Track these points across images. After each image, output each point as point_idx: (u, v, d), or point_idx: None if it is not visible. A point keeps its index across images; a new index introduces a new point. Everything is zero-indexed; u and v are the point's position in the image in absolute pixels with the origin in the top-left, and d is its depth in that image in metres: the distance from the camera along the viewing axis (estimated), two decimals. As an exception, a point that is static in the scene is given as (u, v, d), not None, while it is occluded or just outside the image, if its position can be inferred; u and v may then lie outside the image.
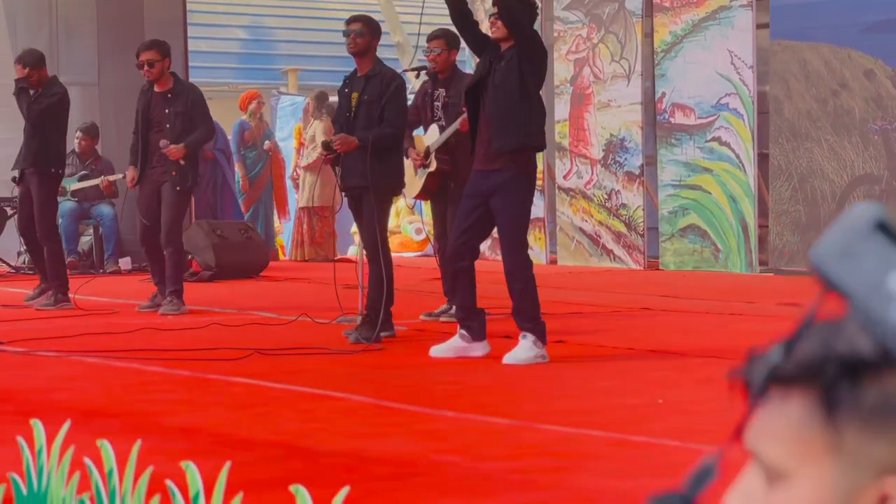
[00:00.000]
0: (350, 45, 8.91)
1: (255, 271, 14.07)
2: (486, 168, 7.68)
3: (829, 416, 1.10)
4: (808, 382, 1.12)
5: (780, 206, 13.06)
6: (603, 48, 14.60)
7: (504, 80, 7.63)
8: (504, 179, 7.61)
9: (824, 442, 1.11)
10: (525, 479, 4.70)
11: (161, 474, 3.77)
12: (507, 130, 7.60)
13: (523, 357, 7.46)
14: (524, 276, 7.62)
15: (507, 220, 7.65)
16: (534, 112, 7.77)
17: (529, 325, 7.54)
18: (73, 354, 8.08)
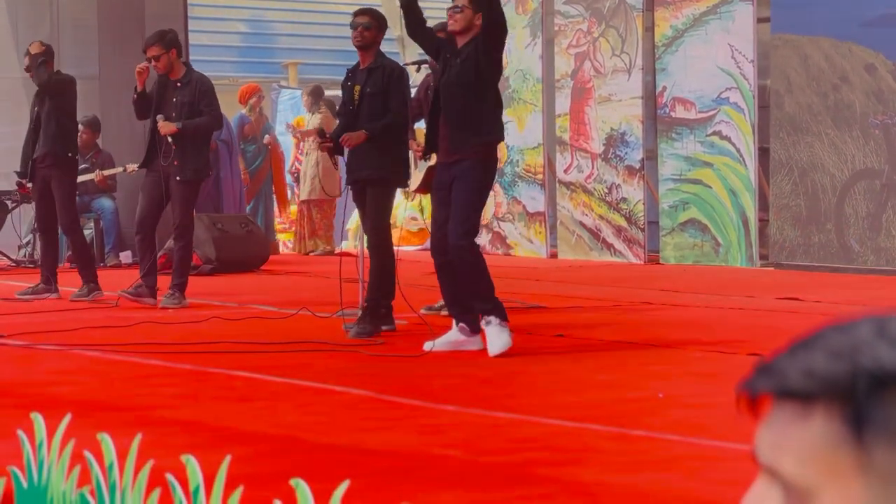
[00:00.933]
0: (357, 38, 8.93)
1: (256, 265, 14.07)
2: (447, 160, 7.78)
3: (859, 434, 1.08)
4: (830, 398, 1.09)
5: (781, 201, 13.06)
6: (604, 42, 14.59)
7: (459, 77, 7.73)
8: (463, 168, 7.72)
9: (853, 460, 1.08)
10: (525, 473, 4.70)
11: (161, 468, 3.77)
12: (461, 129, 7.73)
13: (502, 343, 7.48)
14: (471, 259, 7.64)
15: (460, 203, 7.69)
16: (488, 109, 7.85)
17: (489, 306, 7.57)
18: (74, 348, 8.08)
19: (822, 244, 12.70)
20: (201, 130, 10.54)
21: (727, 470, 4.71)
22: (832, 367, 1.09)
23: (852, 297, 10.02)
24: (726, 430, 5.39)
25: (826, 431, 1.09)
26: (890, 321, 1.09)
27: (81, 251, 11.24)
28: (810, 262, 12.72)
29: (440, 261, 7.85)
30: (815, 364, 1.10)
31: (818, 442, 1.09)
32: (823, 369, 1.09)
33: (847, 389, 1.08)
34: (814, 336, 1.10)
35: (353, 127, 8.88)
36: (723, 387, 6.55)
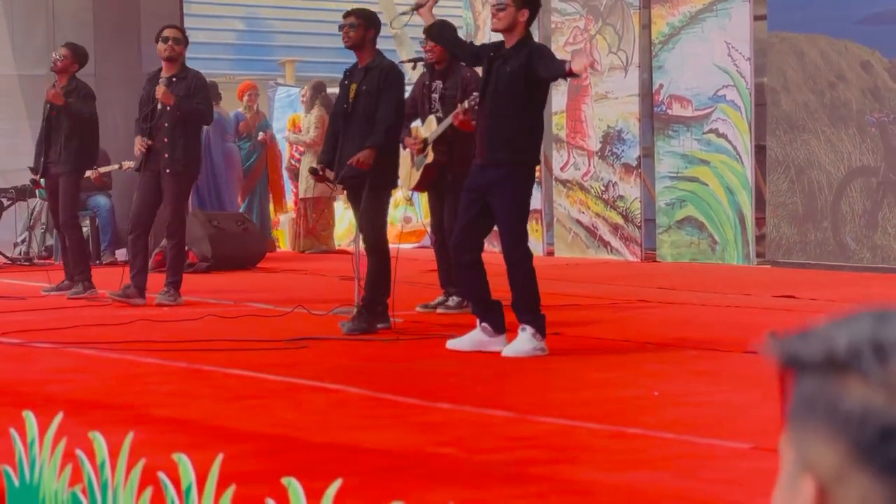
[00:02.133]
0: (344, 38, 8.96)
1: (252, 263, 14.06)
2: (484, 163, 7.68)
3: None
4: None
5: (778, 198, 13.05)
6: (600, 39, 14.58)
7: (507, 87, 7.59)
8: (501, 174, 7.60)
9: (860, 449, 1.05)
10: (520, 472, 4.68)
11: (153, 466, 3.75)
12: (500, 144, 7.61)
13: (522, 349, 7.44)
14: (524, 269, 7.60)
15: (504, 214, 7.64)
16: (532, 126, 7.71)
17: (529, 317, 7.52)
18: (68, 346, 8.07)
19: (818, 242, 12.69)
20: (194, 117, 10.50)
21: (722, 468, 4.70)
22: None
23: (849, 294, 10.01)
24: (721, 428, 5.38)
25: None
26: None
27: (79, 249, 11.25)
28: (807, 260, 12.71)
29: (462, 259, 7.78)
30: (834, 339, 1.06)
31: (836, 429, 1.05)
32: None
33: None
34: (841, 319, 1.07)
35: (346, 127, 8.87)
36: (719, 385, 6.54)
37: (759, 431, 5.13)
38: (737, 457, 4.90)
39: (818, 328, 1.07)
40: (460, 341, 7.73)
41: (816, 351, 1.06)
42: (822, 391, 1.05)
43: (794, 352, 1.07)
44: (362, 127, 8.83)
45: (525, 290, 7.55)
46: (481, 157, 7.70)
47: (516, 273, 7.58)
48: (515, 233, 7.67)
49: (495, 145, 7.61)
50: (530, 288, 7.57)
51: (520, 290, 7.57)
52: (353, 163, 8.63)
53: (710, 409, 5.84)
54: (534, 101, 7.68)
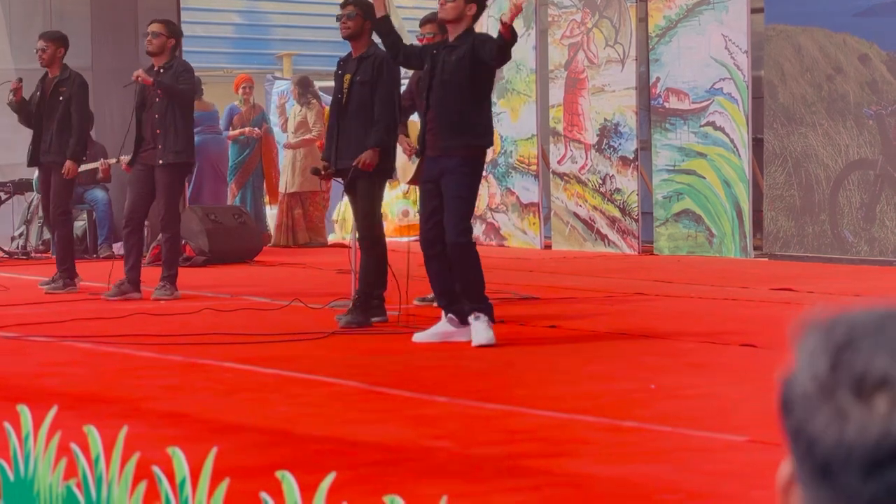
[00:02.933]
0: (342, 28, 8.96)
1: (249, 257, 14.04)
2: (435, 154, 7.74)
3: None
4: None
5: (775, 191, 13.04)
6: (597, 33, 14.56)
7: (452, 76, 7.71)
8: (452, 163, 7.72)
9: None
10: (516, 465, 4.68)
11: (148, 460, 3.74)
12: (452, 129, 7.70)
13: (485, 336, 7.51)
14: (468, 258, 7.64)
15: (451, 201, 7.70)
16: (481, 111, 7.86)
17: (480, 305, 7.59)
18: (64, 340, 8.06)
19: (815, 235, 12.68)
20: (173, 93, 10.45)
21: (718, 461, 4.69)
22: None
23: (846, 287, 10.00)
24: (718, 421, 5.37)
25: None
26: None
27: (66, 244, 11.21)
28: (804, 253, 12.70)
29: (429, 252, 7.85)
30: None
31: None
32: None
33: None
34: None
35: (341, 118, 8.87)
36: (715, 378, 6.54)
37: (755, 424, 5.13)
38: (733, 449, 4.89)
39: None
40: (426, 334, 7.79)
41: (812, 381, 1.08)
42: (800, 411, 1.07)
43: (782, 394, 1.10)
44: (357, 117, 8.83)
45: (472, 279, 7.63)
46: (431, 149, 7.80)
47: (461, 261, 7.62)
48: (459, 221, 7.70)
49: (444, 135, 7.68)
50: (477, 275, 7.64)
51: (466, 278, 7.63)
52: (359, 165, 8.64)
53: (707, 402, 5.84)
54: (479, 88, 7.73)
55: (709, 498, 4.26)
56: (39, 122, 11.20)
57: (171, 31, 10.67)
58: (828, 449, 1.02)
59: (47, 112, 11.13)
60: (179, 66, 10.65)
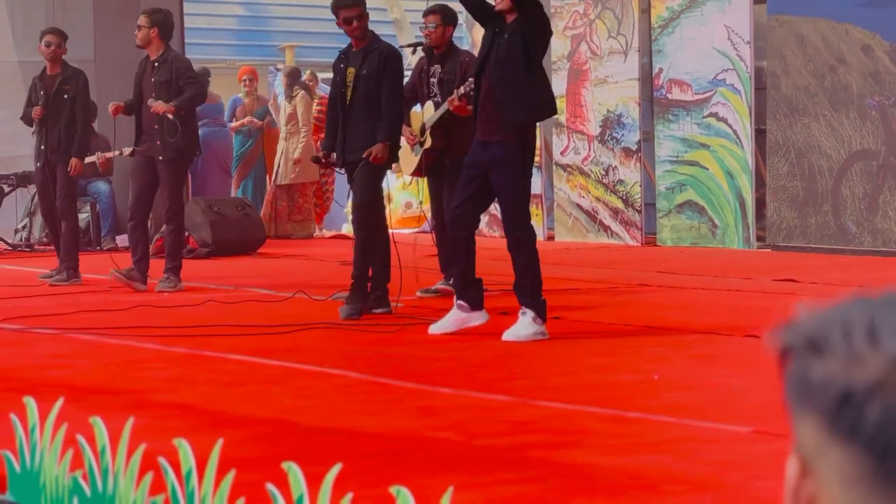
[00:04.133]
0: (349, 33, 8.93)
1: (252, 248, 14.05)
2: (485, 139, 7.66)
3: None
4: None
5: (778, 182, 13.04)
6: (600, 24, 14.56)
7: (508, 53, 7.59)
8: (503, 152, 7.58)
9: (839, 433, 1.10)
10: (520, 456, 4.69)
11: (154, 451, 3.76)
12: (517, 104, 7.57)
13: (523, 334, 7.44)
14: (527, 250, 7.57)
15: (506, 194, 7.64)
16: (543, 83, 7.79)
17: (529, 300, 7.51)
18: (69, 332, 8.07)
19: (818, 226, 12.68)
20: (193, 104, 10.52)
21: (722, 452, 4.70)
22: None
23: (849, 278, 10.00)
24: (721, 412, 5.38)
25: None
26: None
27: (73, 236, 11.25)
28: (807, 244, 12.70)
29: (457, 233, 7.79)
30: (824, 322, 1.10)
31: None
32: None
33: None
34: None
35: (347, 112, 8.87)
36: (719, 369, 6.55)
37: (759, 415, 5.14)
38: (737, 440, 4.90)
39: (807, 314, 1.11)
40: (442, 325, 7.76)
41: (799, 335, 1.10)
42: (800, 371, 1.09)
43: (784, 338, 1.11)
44: (364, 110, 8.84)
45: (527, 273, 7.54)
46: (482, 133, 7.70)
47: (518, 254, 7.57)
48: (518, 214, 7.66)
49: (496, 121, 7.60)
50: (532, 270, 7.55)
51: (522, 272, 7.55)
52: (370, 158, 8.64)
53: (711, 393, 5.85)
54: (535, 56, 7.69)
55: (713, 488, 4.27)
56: (44, 121, 11.21)
57: (153, 21, 10.59)
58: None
59: (53, 111, 11.15)
60: (176, 62, 10.58)
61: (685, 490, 4.24)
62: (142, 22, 10.61)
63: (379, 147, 8.68)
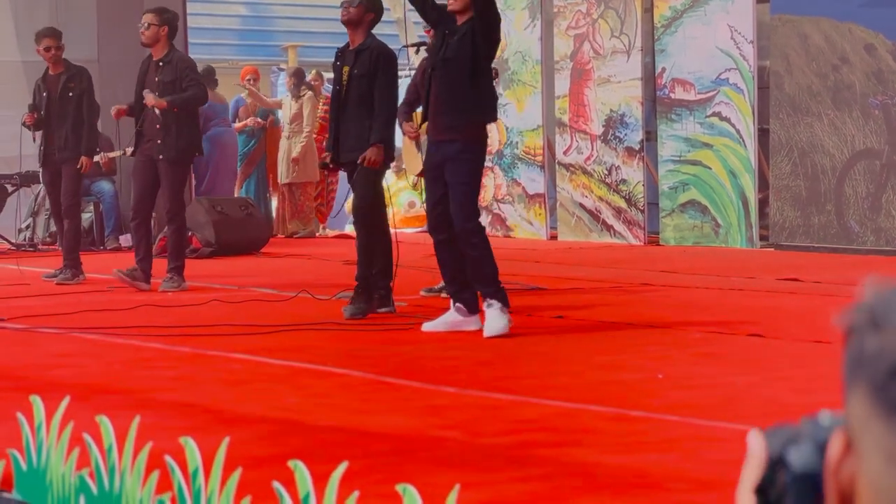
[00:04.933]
0: (342, 13, 8.98)
1: (256, 248, 14.07)
2: (438, 138, 7.79)
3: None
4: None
5: (781, 181, 13.04)
6: (603, 24, 14.57)
7: (455, 55, 7.72)
8: (453, 150, 7.71)
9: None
10: (524, 454, 4.70)
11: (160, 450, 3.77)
12: (456, 107, 7.72)
13: (498, 326, 7.49)
14: (480, 243, 7.65)
15: (455, 188, 7.71)
16: (483, 88, 7.85)
17: (491, 290, 7.57)
18: (73, 331, 8.09)
19: (821, 225, 12.69)
20: (190, 104, 10.52)
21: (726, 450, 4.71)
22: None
23: (852, 277, 9.99)
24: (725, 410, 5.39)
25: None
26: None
27: (76, 235, 11.28)
28: (810, 243, 12.71)
29: (437, 238, 7.87)
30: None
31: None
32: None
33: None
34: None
35: (341, 111, 8.89)
36: (722, 367, 6.55)
37: (763, 413, 5.15)
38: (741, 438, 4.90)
39: (874, 291, 1.12)
40: (435, 323, 7.80)
41: (863, 312, 1.11)
42: (856, 344, 1.10)
43: (851, 316, 1.13)
44: (356, 110, 8.87)
45: (483, 265, 7.61)
46: (433, 132, 7.82)
47: (472, 248, 7.63)
48: (467, 208, 7.72)
49: (447, 120, 7.71)
50: (489, 261, 7.63)
51: (477, 264, 7.62)
52: (364, 163, 8.66)
53: (715, 392, 5.86)
54: (482, 61, 7.77)
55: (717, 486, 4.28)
56: (49, 122, 11.24)
57: (163, 20, 10.59)
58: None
59: (58, 111, 11.17)
60: (181, 63, 10.59)
61: (689, 489, 4.25)
62: (151, 20, 10.57)
63: (372, 151, 8.70)
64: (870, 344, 1.08)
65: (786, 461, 1.16)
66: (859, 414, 1.08)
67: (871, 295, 1.12)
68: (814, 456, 1.15)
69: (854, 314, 1.12)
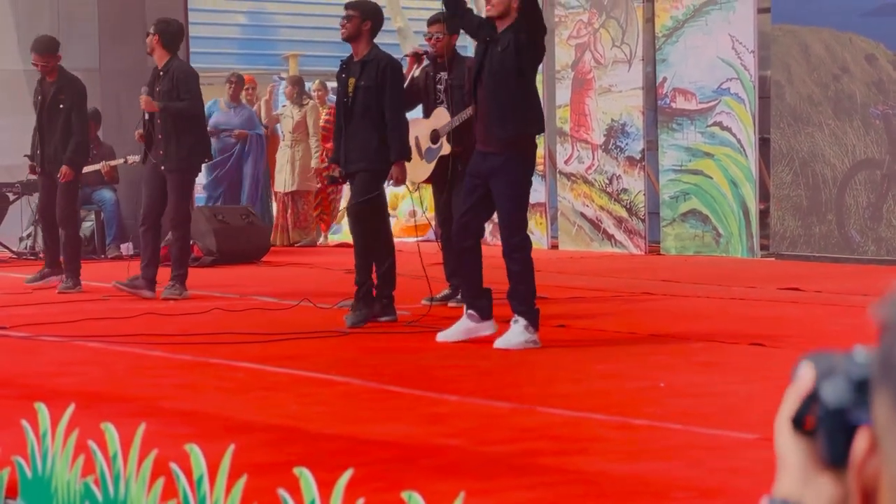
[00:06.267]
0: (341, 31, 9.00)
1: (257, 256, 14.07)
2: (485, 150, 7.73)
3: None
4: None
5: (782, 191, 13.06)
6: (604, 33, 14.59)
7: (501, 66, 7.65)
8: (502, 162, 7.65)
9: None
10: (527, 463, 4.71)
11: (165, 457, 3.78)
12: (504, 119, 7.65)
13: (514, 342, 7.47)
14: (522, 259, 7.63)
15: (504, 203, 7.69)
16: (530, 98, 7.81)
17: (523, 308, 7.55)
18: (76, 339, 8.09)
19: (822, 234, 12.70)
20: (182, 114, 10.55)
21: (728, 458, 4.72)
22: None
23: (853, 287, 10.02)
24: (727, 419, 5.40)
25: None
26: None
27: (75, 244, 11.31)
28: (811, 253, 12.72)
29: (463, 244, 7.83)
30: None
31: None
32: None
33: None
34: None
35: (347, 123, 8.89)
36: (724, 376, 6.57)
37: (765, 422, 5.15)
38: (743, 447, 4.92)
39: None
40: (450, 332, 7.78)
41: (891, 314, 1.11)
42: (887, 346, 1.11)
43: (884, 312, 1.13)
44: (363, 121, 8.87)
45: (521, 281, 7.59)
46: (482, 143, 7.78)
47: (514, 262, 7.62)
48: (515, 222, 7.71)
49: (495, 131, 7.66)
50: (526, 279, 7.60)
51: (517, 279, 7.60)
52: (393, 183, 8.71)
53: (716, 400, 5.87)
54: (525, 76, 7.75)
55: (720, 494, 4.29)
56: (41, 128, 11.29)
57: (156, 29, 10.71)
58: None
59: (49, 120, 11.23)
60: (177, 72, 10.64)
61: (692, 497, 4.26)
62: (151, 30, 10.74)
63: (395, 169, 8.74)
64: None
65: (818, 395, 1.16)
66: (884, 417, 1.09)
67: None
68: (846, 392, 1.15)
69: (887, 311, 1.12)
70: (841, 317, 8.47)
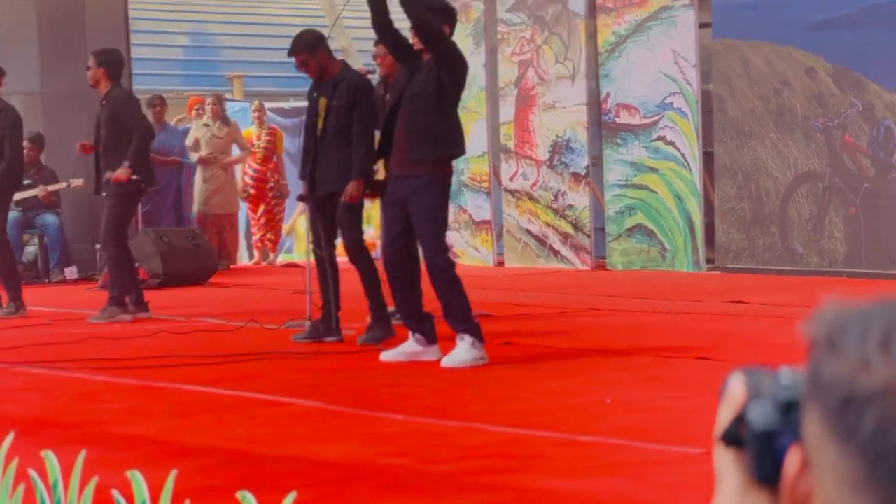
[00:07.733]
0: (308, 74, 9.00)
1: (203, 278, 14.00)
2: (401, 174, 7.76)
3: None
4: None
5: (726, 204, 13.13)
6: (547, 49, 14.63)
7: (421, 90, 7.70)
8: (419, 185, 7.68)
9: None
10: (473, 481, 4.70)
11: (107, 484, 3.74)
12: (424, 141, 7.68)
13: (462, 359, 7.46)
14: (448, 278, 7.63)
15: (424, 224, 7.70)
16: (451, 122, 7.84)
17: (463, 325, 7.55)
18: (18, 366, 8.02)
19: (766, 247, 12.78)
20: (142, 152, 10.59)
21: (672, 473, 4.73)
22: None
23: (797, 299, 10.08)
24: (673, 434, 5.41)
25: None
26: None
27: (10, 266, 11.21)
28: (755, 265, 12.79)
29: (394, 275, 7.85)
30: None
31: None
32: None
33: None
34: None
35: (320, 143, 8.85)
36: (670, 391, 6.58)
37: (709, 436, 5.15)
38: (689, 461, 4.93)
39: (834, 308, 1.12)
40: (393, 353, 7.78)
41: (822, 329, 1.12)
42: (814, 365, 1.11)
43: (812, 329, 1.13)
44: (336, 141, 8.83)
45: (454, 299, 7.59)
46: (398, 168, 7.80)
47: (440, 283, 7.62)
48: (435, 243, 7.71)
49: (414, 155, 7.69)
50: (458, 296, 7.61)
51: (448, 299, 7.60)
52: (346, 199, 8.63)
53: (662, 415, 5.88)
54: (450, 95, 7.78)
55: (666, 510, 4.30)
56: None
57: (100, 62, 10.73)
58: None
59: None
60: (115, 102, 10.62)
61: (638, 512, 4.26)
62: (90, 63, 10.78)
63: (352, 185, 8.69)
64: (825, 368, 1.09)
65: (745, 417, 1.17)
66: (814, 435, 1.09)
67: (829, 315, 1.13)
68: (772, 415, 1.15)
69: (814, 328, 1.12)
70: (785, 329, 8.51)
